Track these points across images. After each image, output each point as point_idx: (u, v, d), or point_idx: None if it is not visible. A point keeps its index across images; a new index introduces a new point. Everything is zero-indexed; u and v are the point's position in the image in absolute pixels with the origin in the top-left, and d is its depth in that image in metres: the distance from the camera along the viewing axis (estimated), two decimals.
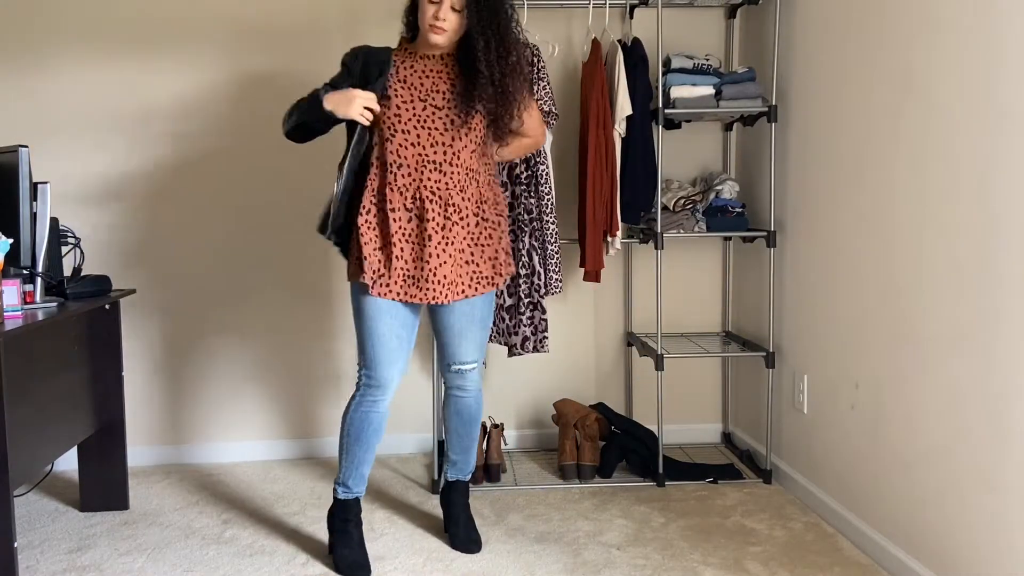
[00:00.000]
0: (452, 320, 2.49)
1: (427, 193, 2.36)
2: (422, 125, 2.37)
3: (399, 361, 2.45)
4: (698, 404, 3.66)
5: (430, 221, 2.36)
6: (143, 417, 3.45)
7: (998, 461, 1.98)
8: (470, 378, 2.56)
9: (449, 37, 2.35)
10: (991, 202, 1.98)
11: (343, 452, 2.50)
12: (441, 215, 2.37)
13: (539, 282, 3.06)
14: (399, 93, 2.39)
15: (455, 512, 2.65)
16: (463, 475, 2.68)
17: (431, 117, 2.38)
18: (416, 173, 2.36)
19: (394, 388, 2.47)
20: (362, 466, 2.51)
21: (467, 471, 2.69)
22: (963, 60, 2.07)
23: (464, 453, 2.66)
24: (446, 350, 2.54)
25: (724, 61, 3.49)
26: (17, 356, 2.36)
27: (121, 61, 3.33)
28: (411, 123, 2.37)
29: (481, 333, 2.53)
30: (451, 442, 2.65)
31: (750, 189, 3.38)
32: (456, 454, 2.66)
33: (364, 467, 2.52)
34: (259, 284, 3.46)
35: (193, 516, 2.91)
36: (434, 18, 2.32)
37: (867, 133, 2.51)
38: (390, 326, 2.41)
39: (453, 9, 2.32)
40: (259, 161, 3.41)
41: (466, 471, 2.69)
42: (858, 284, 2.57)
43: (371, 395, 2.46)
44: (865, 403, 2.55)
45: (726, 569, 2.46)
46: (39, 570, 2.51)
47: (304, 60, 3.38)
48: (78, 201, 3.36)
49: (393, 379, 2.45)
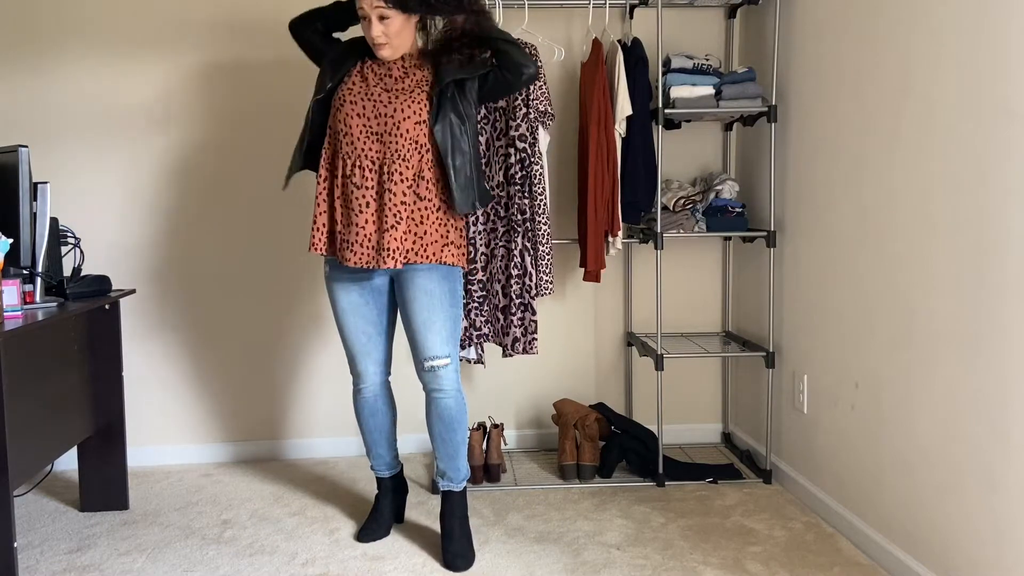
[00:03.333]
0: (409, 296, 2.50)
1: (367, 162, 2.42)
2: (368, 97, 2.44)
3: (372, 353, 2.63)
4: (698, 404, 3.66)
5: (370, 189, 2.42)
6: (143, 417, 3.46)
7: (998, 461, 1.98)
8: (445, 377, 2.52)
9: (396, 47, 2.43)
10: (991, 202, 1.98)
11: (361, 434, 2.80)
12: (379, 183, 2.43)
13: (530, 283, 3.06)
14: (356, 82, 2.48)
15: (447, 526, 2.56)
16: (455, 485, 2.59)
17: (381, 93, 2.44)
18: (359, 142, 2.43)
19: (376, 378, 2.66)
20: (376, 447, 2.73)
21: (458, 480, 2.59)
22: (962, 60, 2.07)
23: (451, 460, 2.57)
24: (415, 345, 2.53)
25: (724, 61, 3.50)
26: (17, 356, 2.36)
27: (121, 61, 3.33)
28: (359, 95, 2.45)
29: (447, 323, 2.50)
30: (437, 449, 2.59)
31: (750, 189, 3.38)
32: (443, 463, 2.59)
33: (379, 448, 2.73)
34: (259, 283, 3.46)
35: (193, 516, 2.91)
36: (372, 37, 2.39)
37: (866, 133, 2.51)
38: (355, 324, 2.59)
39: (382, 19, 2.37)
40: (259, 160, 3.41)
41: (457, 480, 2.59)
42: (858, 284, 2.57)
43: (355, 384, 2.68)
44: (865, 403, 2.55)
45: (726, 569, 2.46)
46: (39, 570, 2.51)
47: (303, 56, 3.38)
48: (78, 201, 3.36)
49: (368, 369, 2.64)
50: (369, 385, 2.66)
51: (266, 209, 3.43)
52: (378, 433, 2.71)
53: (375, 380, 2.66)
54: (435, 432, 2.57)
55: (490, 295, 3.15)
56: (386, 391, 2.69)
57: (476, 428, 3.20)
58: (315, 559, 2.56)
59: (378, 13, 2.35)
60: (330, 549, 2.63)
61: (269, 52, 3.37)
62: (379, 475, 2.76)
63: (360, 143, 2.44)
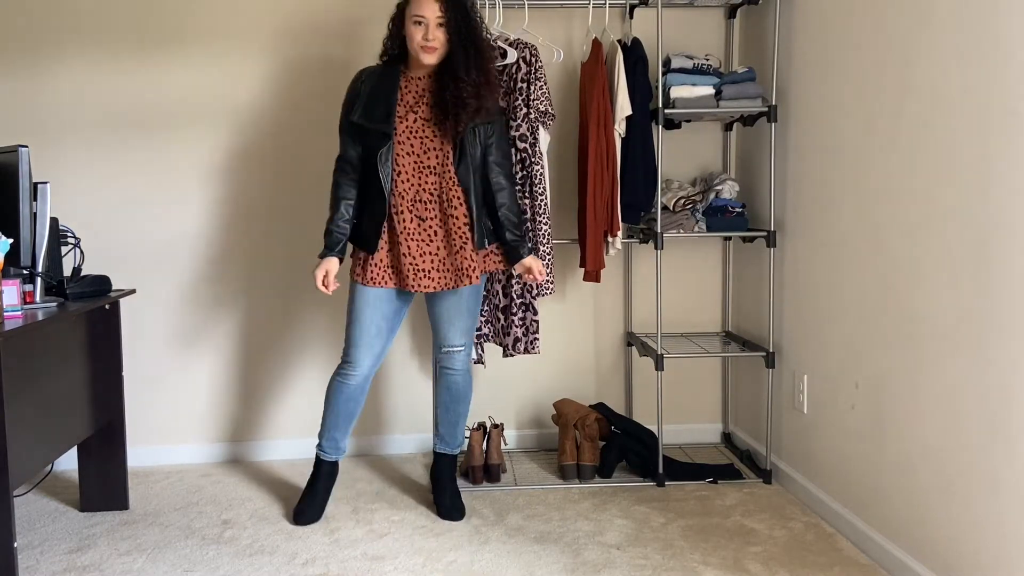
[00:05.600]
0: (443, 308, 2.80)
1: (426, 195, 2.68)
2: (415, 136, 2.66)
3: (375, 347, 2.77)
4: (698, 404, 3.66)
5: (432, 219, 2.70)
6: (143, 417, 3.45)
7: (998, 461, 1.98)
8: (458, 359, 2.85)
9: (440, 55, 2.62)
10: (991, 202, 1.98)
11: (323, 414, 2.85)
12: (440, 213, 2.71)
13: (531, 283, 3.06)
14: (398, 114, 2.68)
15: (442, 483, 2.91)
16: (450, 449, 2.95)
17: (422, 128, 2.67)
18: (413, 178, 2.67)
19: (366, 370, 2.77)
20: (335, 431, 2.84)
21: (454, 445, 2.95)
22: (963, 59, 2.07)
23: (451, 427, 2.93)
24: (437, 334, 2.86)
25: (724, 61, 3.49)
26: (17, 356, 2.36)
27: (121, 61, 3.33)
28: (404, 135, 2.67)
29: (468, 319, 2.82)
30: (440, 416, 2.95)
31: (750, 189, 3.38)
32: (444, 428, 2.94)
33: (337, 432, 2.84)
34: (259, 284, 3.46)
35: (193, 516, 2.91)
36: (424, 39, 2.59)
37: (867, 132, 2.51)
38: (371, 317, 2.74)
39: (438, 26, 2.59)
40: (259, 160, 3.41)
41: (453, 445, 2.95)
42: (858, 284, 2.57)
43: (344, 369, 2.78)
44: (865, 403, 2.55)
45: (726, 569, 2.46)
46: (39, 570, 2.51)
47: (303, 56, 3.38)
48: (78, 201, 3.36)
49: (364, 360, 2.76)
50: (358, 375, 2.77)
51: (266, 209, 3.43)
52: (344, 419, 2.83)
53: (366, 373, 2.79)
54: (441, 401, 2.93)
55: (490, 295, 3.15)
56: (368, 385, 2.84)
57: (476, 428, 3.20)
58: (315, 559, 2.56)
59: (437, 21, 2.58)
60: (330, 549, 2.63)
61: (269, 53, 3.37)
62: (326, 458, 2.87)
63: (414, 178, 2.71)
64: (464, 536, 2.71)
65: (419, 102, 2.67)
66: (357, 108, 2.70)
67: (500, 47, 2.99)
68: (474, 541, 2.67)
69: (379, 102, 2.67)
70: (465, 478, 3.18)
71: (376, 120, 2.66)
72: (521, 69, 3.01)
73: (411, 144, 2.65)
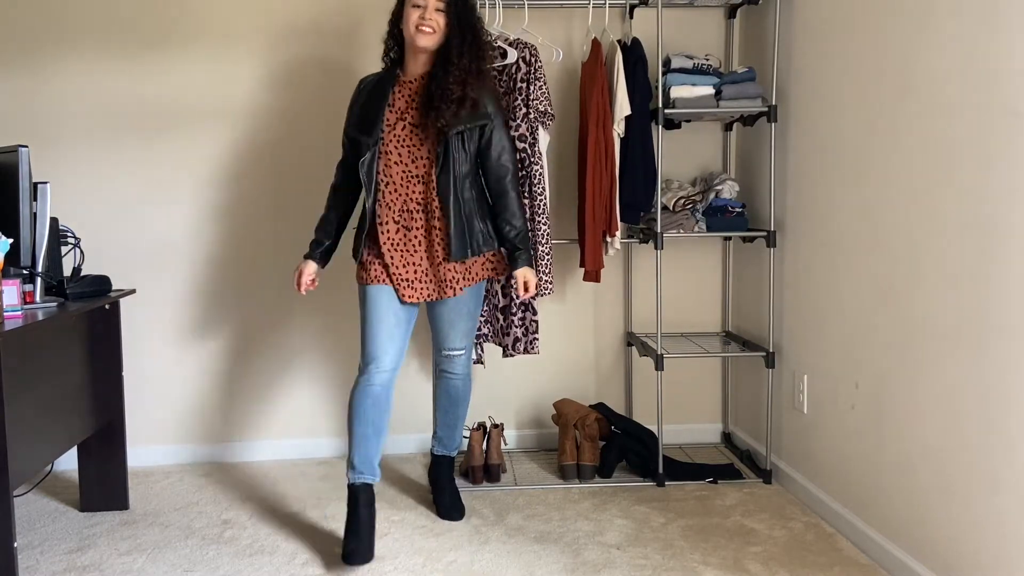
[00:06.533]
0: (442, 312, 2.76)
1: (413, 205, 2.63)
2: (402, 144, 2.61)
3: (395, 341, 2.62)
4: (698, 404, 3.66)
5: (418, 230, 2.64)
6: (143, 417, 3.46)
7: (998, 461, 1.98)
8: (458, 362, 2.83)
9: (436, 39, 2.56)
10: (991, 202, 1.98)
11: (348, 433, 2.61)
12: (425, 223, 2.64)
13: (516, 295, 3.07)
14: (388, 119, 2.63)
15: (440, 484, 2.92)
16: (448, 451, 2.96)
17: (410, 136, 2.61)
18: (401, 188, 2.62)
19: (390, 368, 2.60)
20: (366, 444, 2.57)
21: (452, 447, 2.96)
22: (963, 59, 2.07)
23: (449, 430, 2.94)
24: (437, 337, 2.82)
25: (724, 61, 3.50)
26: (17, 356, 2.36)
27: (121, 61, 3.33)
28: (392, 144, 2.61)
29: (468, 324, 2.79)
30: (439, 419, 2.95)
31: (750, 189, 3.38)
32: (442, 431, 2.95)
33: (368, 447, 2.58)
34: (260, 283, 3.46)
35: (193, 516, 2.91)
36: (420, 19, 2.54)
37: (867, 133, 2.51)
38: (385, 312, 2.63)
39: (437, 10, 2.55)
40: (259, 160, 3.41)
41: (451, 447, 2.96)
42: (858, 284, 2.57)
43: (367, 372, 2.60)
44: (865, 403, 2.55)
45: (726, 569, 2.46)
46: (39, 570, 2.51)
47: (301, 56, 3.38)
48: (78, 201, 3.36)
49: (387, 353, 2.59)
50: (383, 372, 2.58)
51: (266, 209, 3.43)
52: (374, 431, 2.57)
53: (391, 369, 2.60)
54: (440, 404, 2.92)
55: (489, 295, 3.15)
56: (392, 390, 2.63)
57: (476, 428, 3.20)
58: (315, 559, 2.56)
59: (436, 6, 2.54)
60: (330, 549, 2.63)
61: (269, 53, 3.37)
62: (361, 481, 2.58)
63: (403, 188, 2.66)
64: (464, 536, 2.71)
65: (410, 106, 2.61)
66: (352, 119, 2.69)
67: (500, 47, 2.99)
68: (474, 541, 2.67)
69: (370, 112, 2.64)
70: (465, 478, 3.18)
71: (364, 131, 2.62)
72: (521, 69, 3.02)
73: (399, 154, 2.60)
